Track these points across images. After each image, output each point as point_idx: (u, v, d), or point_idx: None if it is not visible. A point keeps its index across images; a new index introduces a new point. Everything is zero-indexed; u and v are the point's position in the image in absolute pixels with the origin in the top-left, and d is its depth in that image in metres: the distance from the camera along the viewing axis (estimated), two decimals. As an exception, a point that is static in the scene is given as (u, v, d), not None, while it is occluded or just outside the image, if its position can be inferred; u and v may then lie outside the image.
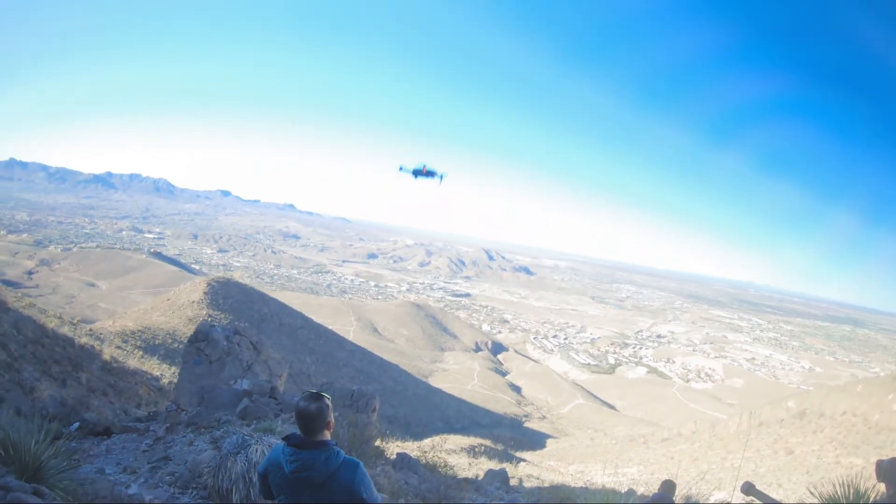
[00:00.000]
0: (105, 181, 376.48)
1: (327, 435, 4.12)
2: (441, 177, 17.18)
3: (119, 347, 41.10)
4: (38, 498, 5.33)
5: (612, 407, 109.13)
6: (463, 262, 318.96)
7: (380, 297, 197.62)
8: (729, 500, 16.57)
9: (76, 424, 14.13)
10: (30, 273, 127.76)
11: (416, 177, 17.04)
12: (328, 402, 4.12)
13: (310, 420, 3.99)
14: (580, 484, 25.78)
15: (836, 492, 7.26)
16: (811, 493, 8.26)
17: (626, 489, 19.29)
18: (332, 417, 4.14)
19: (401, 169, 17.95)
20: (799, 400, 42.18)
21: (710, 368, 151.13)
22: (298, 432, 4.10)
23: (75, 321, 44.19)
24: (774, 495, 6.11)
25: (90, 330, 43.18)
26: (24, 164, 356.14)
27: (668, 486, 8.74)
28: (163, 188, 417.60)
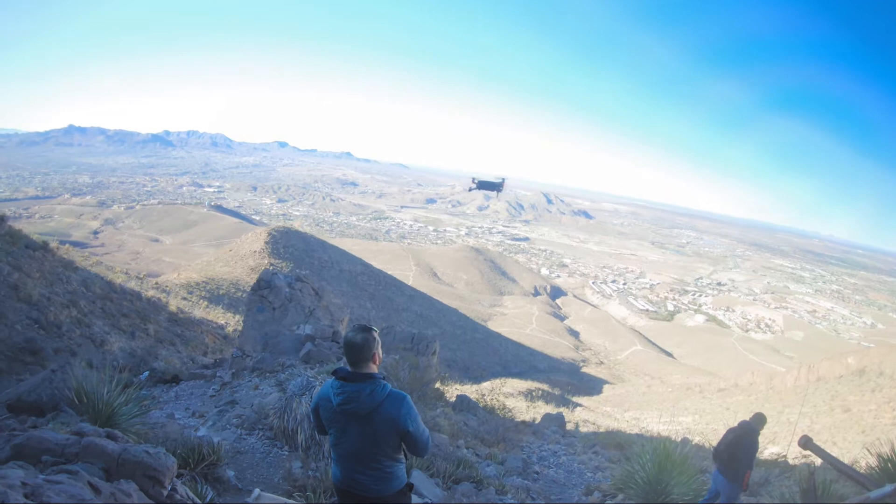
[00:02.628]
0: (163, 140, 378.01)
1: (374, 368, 4.22)
2: (500, 187, 17.14)
3: (184, 299, 42.10)
4: (111, 441, 5.61)
5: (669, 354, 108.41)
6: (521, 206, 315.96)
7: (439, 241, 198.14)
8: (784, 454, 16.51)
9: (146, 373, 14.67)
10: (95, 233, 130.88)
11: (480, 188, 16.95)
12: (375, 334, 4.22)
13: (355, 350, 4.11)
14: (635, 430, 25.85)
15: (894, 453, 7.21)
16: (868, 452, 8.23)
17: (680, 438, 19.35)
18: (378, 350, 4.23)
19: (474, 180, 18.02)
20: (859, 357, 41.36)
21: (769, 319, 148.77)
22: (340, 367, 4.30)
23: (141, 276, 45.50)
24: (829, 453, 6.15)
25: (156, 283, 44.29)
26: (82, 130, 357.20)
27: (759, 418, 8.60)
28: (220, 143, 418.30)
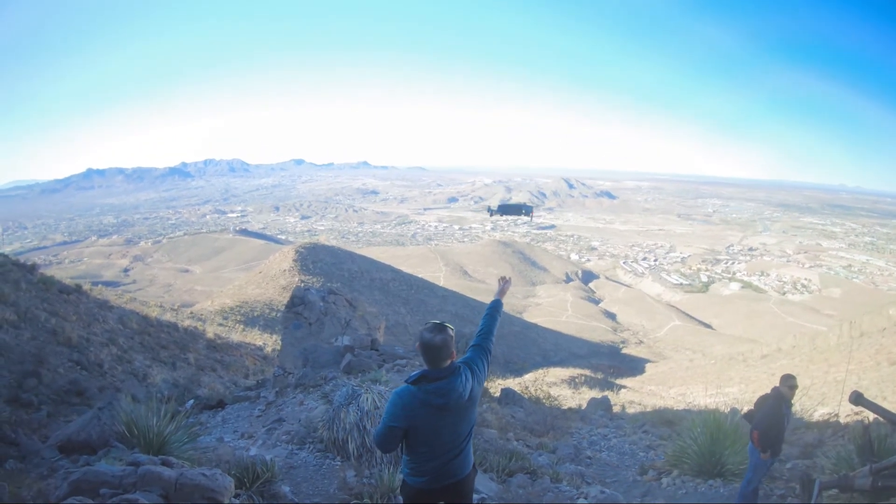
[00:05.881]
0: (181, 172, 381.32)
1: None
2: (528, 210, 15.61)
3: (220, 325, 42.36)
4: (167, 468, 5.69)
5: (708, 326, 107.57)
6: (544, 194, 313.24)
7: (465, 239, 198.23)
8: (835, 413, 16.32)
9: (191, 402, 14.83)
10: (126, 270, 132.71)
11: (503, 213, 15.62)
12: (451, 332, 4.19)
13: (435, 350, 4.09)
14: (682, 406, 25.63)
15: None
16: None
17: (729, 408, 19.26)
18: (454, 348, 4.20)
19: (490, 209, 16.82)
20: (899, 307, 40.77)
21: (805, 279, 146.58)
22: (424, 371, 4.20)
23: (176, 307, 45.85)
24: (880, 408, 6.11)
25: (191, 313, 44.62)
26: (101, 172, 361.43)
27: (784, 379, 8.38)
28: (237, 168, 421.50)
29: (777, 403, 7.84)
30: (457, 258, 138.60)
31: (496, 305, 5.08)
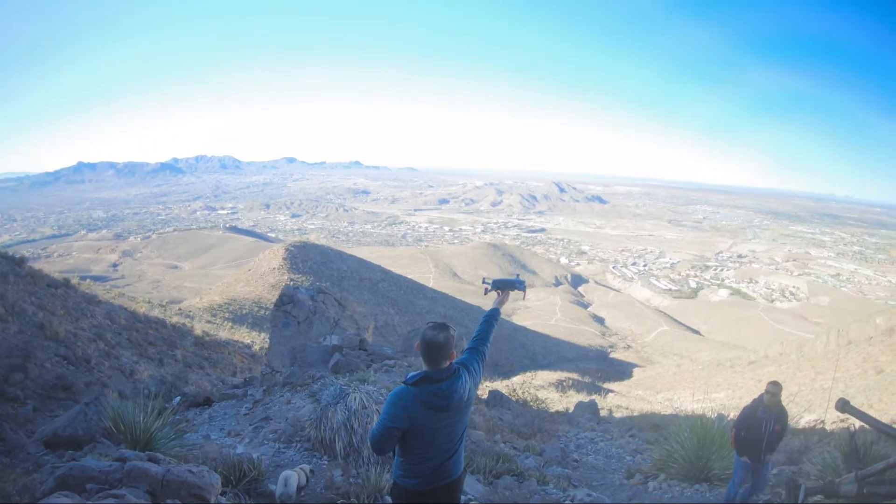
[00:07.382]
0: (172, 167, 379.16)
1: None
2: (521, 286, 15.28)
3: (209, 322, 42.19)
4: (154, 464, 5.66)
5: (696, 332, 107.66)
6: (534, 198, 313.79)
7: (455, 241, 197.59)
8: (821, 420, 16.39)
9: (177, 399, 14.82)
10: (115, 265, 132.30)
11: (494, 288, 15.34)
12: (453, 332, 4.21)
13: (438, 349, 4.09)
14: (669, 411, 25.65)
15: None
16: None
17: (716, 414, 19.37)
18: (454, 348, 4.20)
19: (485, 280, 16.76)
20: (887, 316, 40.75)
21: (794, 287, 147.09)
22: (426, 372, 4.17)
23: (164, 303, 45.67)
24: (866, 417, 6.13)
25: (179, 309, 44.48)
26: (92, 166, 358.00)
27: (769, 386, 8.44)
28: (229, 165, 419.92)
29: (754, 406, 7.93)
30: (446, 260, 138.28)
31: (494, 313, 5.21)
